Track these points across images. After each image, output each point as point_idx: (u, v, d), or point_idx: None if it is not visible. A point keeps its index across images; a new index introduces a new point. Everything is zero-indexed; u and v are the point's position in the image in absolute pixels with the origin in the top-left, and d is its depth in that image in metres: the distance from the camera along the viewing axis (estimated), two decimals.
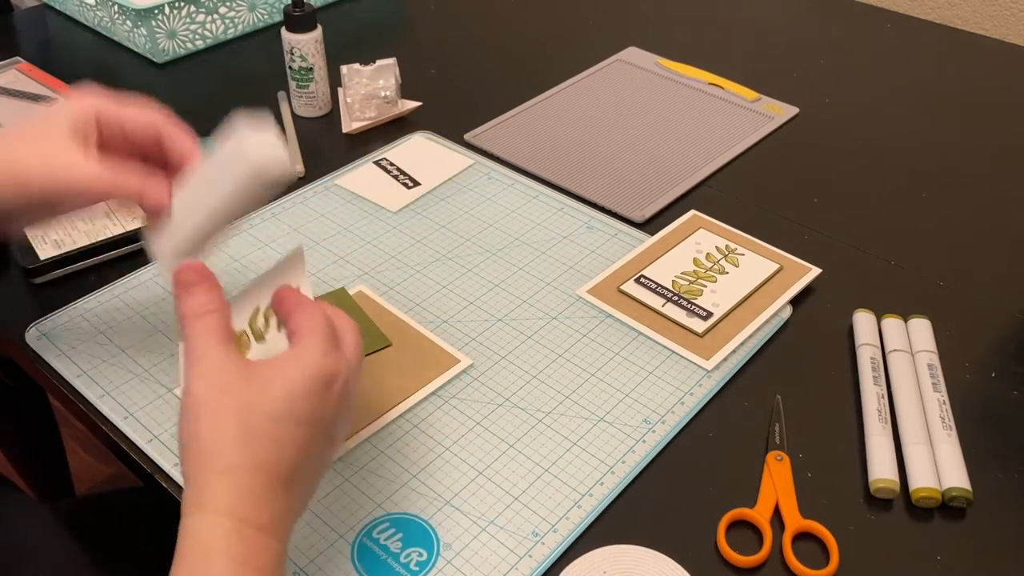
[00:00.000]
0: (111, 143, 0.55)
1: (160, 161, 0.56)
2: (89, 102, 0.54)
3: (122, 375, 0.64)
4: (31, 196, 0.52)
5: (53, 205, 0.54)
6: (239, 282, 0.72)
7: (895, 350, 0.65)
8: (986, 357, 0.67)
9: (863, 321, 0.68)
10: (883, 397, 0.62)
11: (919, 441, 0.58)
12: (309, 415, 0.45)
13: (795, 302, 0.71)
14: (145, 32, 1.00)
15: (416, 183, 0.83)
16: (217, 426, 0.43)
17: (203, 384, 0.44)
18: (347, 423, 0.49)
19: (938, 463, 0.57)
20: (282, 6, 1.03)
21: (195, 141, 0.56)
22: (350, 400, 0.48)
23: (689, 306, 0.69)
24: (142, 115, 0.55)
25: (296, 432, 0.44)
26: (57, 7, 1.14)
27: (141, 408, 0.61)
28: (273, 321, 0.52)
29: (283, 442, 0.44)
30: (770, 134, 0.92)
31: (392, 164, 0.85)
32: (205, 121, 0.92)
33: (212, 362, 0.45)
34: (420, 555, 0.53)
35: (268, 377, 0.44)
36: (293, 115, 0.93)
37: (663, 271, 0.72)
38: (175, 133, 0.55)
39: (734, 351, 0.66)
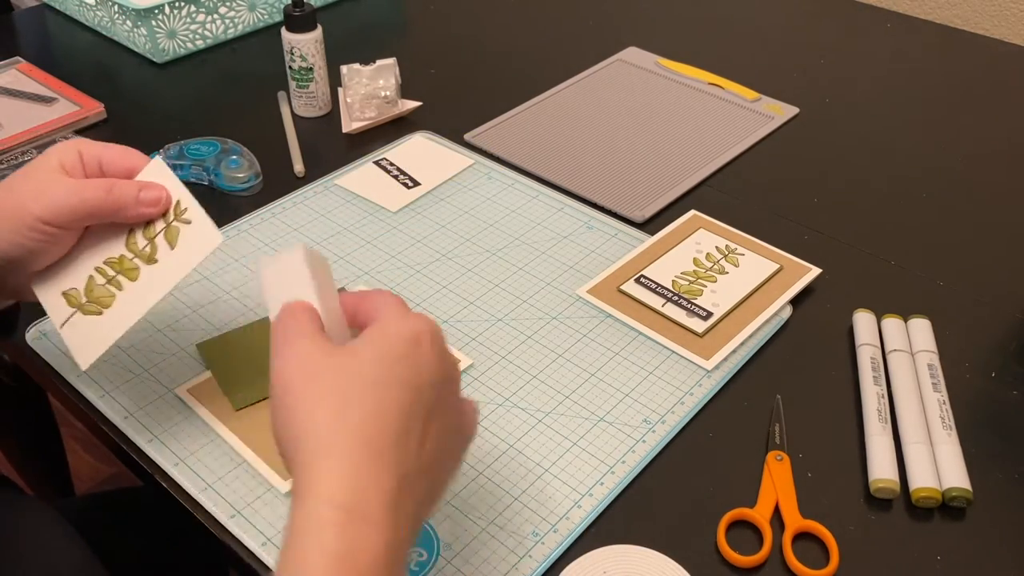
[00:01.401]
0: (92, 175, 0.57)
1: None
2: (72, 142, 0.56)
3: (122, 375, 0.64)
4: (32, 228, 0.53)
5: (56, 237, 0.55)
6: (239, 281, 0.72)
7: (895, 350, 0.65)
8: (986, 357, 0.67)
9: (863, 321, 0.68)
10: (883, 397, 0.62)
11: (919, 441, 0.58)
12: (407, 376, 0.42)
13: (795, 302, 0.71)
14: (145, 32, 1.00)
15: (416, 183, 0.83)
16: (310, 407, 0.41)
17: (291, 369, 0.43)
18: (456, 398, 0.46)
19: (938, 463, 0.57)
20: (282, 6, 1.03)
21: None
22: (448, 364, 0.45)
23: (689, 306, 0.69)
24: (120, 150, 0.57)
25: (396, 395, 0.42)
26: (57, 7, 1.14)
27: (141, 408, 0.61)
28: (161, 239, 0.54)
29: (383, 408, 0.41)
30: (770, 134, 0.92)
31: (392, 164, 0.85)
32: (205, 121, 0.93)
33: (300, 347, 0.43)
34: (420, 555, 0.53)
35: (354, 350, 0.43)
36: (293, 115, 0.93)
37: (663, 271, 0.72)
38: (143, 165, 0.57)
39: (734, 351, 0.66)
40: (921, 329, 0.67)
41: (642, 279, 0.71)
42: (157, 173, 0.57)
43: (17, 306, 0.62)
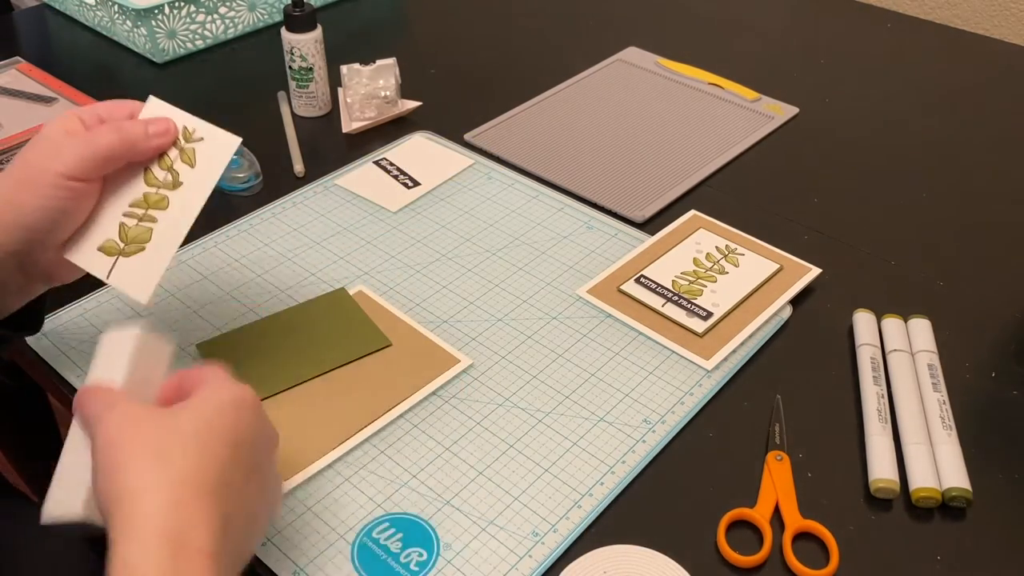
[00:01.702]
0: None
1: None
2: (67, 112, 0.58)
3: None
4: (54, 186, 0.54)
5: (80, 192, 0.55)
6: (238, 281, 0.72)
7: (895, 350, 0.65)
8: (986, 357, 0.67)
9: (863, 321, 0.68)
10: (883, 397, 0.62)
11: (919, 441, 0.58)
12: (226, 431, 0.44)
13: (795, 302, 0.71)
14: (145, 32, 1.00)
15: (416, 183, 0.83)
16: (133, 457, 0.42)
17: (112, 429, 0.43)
18: (272, 462, 0.48)
19: (938, 463, 0.57)
20: (282, 6, 1.03)
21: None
22: (267, 430, 0.47)
23: (689, 306, 0.69)
24: (114, 102, 0.59)
25: (215, 446, 0.43)
26: (57, 7, 1.14)
27: None
28: (180, 164, 0.57)
29: (203, 454, 0.43)
30: (770, 134, 0.92)
31: (392, 164, 0.85)
32: (205, 121, 0.93)
33: (119, 410, 0.44)
34: (420, 555, 0.53)
35: (175, 409, 0.45)
36: (293, 115, 0.93)
37: (663, 271, 0.72)
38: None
39: (734, 351, 0.66)
40: (921, 329, 0.67)
41: (642, 279, 0.71)
42: (157, 108, 0.59)
43: (42, 301, 0.62)
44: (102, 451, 0.43)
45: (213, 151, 0.58)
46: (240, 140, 0.58)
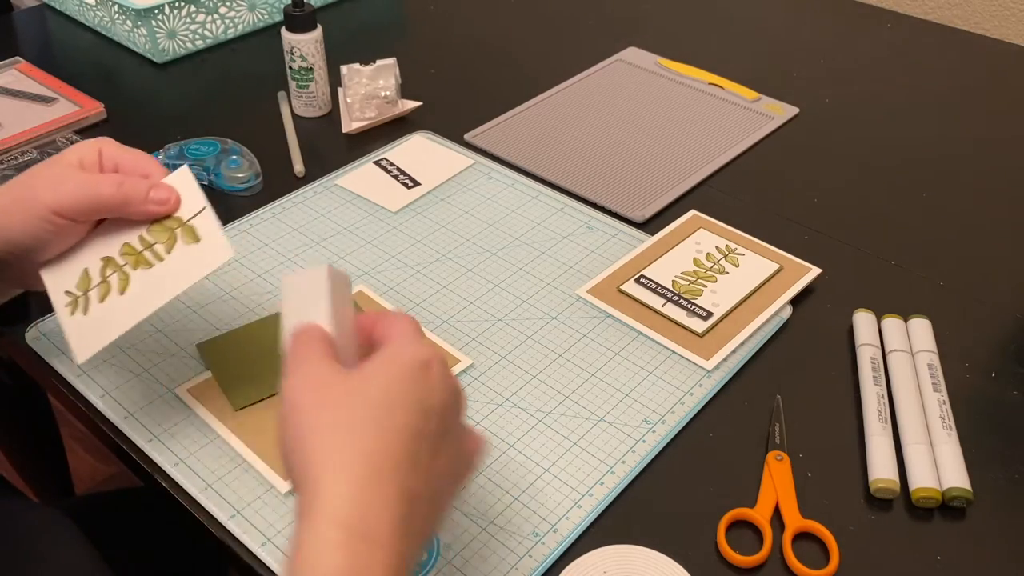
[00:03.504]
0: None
1: None
2: (94, 140, 0.59)
3: (122, 375, 0.64)
4: (43, 218, 0.56)
5: (66, 229, 0.57)
6: (238, 281, 0.72)
7: (895, 350, 0.65)
8: (986, 357, 0.67)
9: (863, 321, 0.68)
10: (883, 397, 0.62)
11: (919, 441, 0.58)
12: (411, 399, 0.42)
13: (795, 302, 0.71)
14: (145, 32, 1.00)
15: (416, 183, 0.83)
16: (317, 427, 0.41)
17: (299, 390, 0.43)
18: (462, 426, 0.46)
19: (938, 463, 0.57)
20: (282, 6, 1.03)
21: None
22: (455, 393, 0.45)
23: (689, 306, 0.69)
24: (138, 156, 0.59)
25: (403, 418, 0.42)
26: (57, 7, 1.14)
27: (141, 408, 0.61)
28: (174, 240, 0.56)
29: (387, 427, 0.41)
30: (770, 134, 0.92)
31: (392, 164, 0.85)
32: (205, 121, 0.93)
33: (310, 368, 0.43)
34: (420, 555, 0.53)
35: (363, 374, 0.43)
36: (293, 115, 0.93)
37: (663, 271, 0.72)
38: (160, 176, 0.59)
39: (734, 351, 0.66)
40: (921, 329, 0.67)
41: (642, 279, 0.71)
42: (182, 180, 0.59)
43: (23, 296, 0.63)
44: (291, 410, 0.42)
45: (205, 252, 0.57)
46: (234, 256, 0.56)
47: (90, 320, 0.56)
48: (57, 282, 0.58)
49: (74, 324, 0.57)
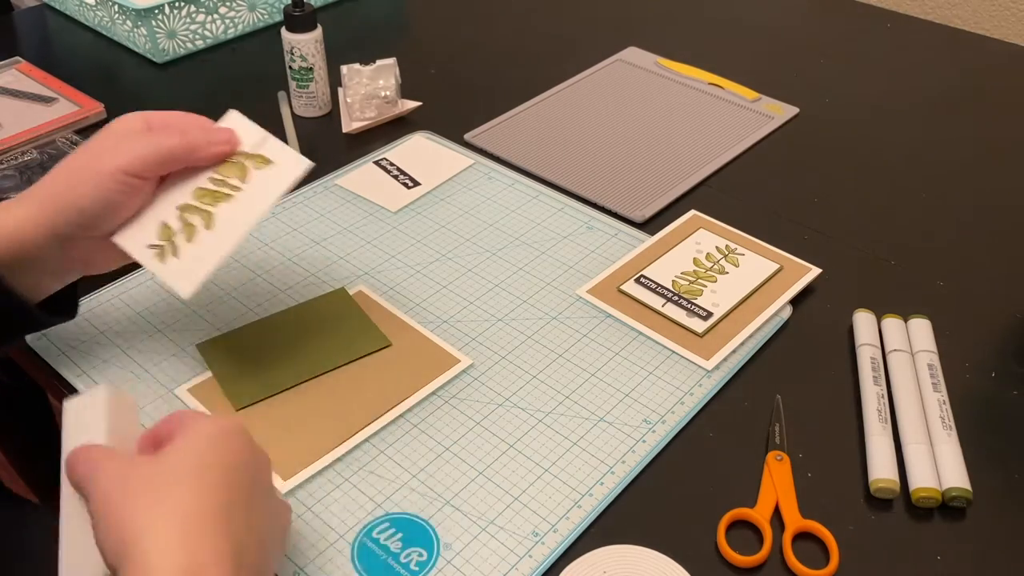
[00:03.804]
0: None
1: None
2: (135, 113, 0.60)
3: (122, 375, 0.64)
4: (112, 177, 0.56)
5: (136, 187, 0.57)
6: (238, 281, 0.72)
7: (895, 350, 0.65)
8: (986, 357, 0.67)
9: (863, 321, 0.68)
10: (883, 397, 0.62)
11: (919, 441, 0.58)
12: (218, 460, 0.44)
13: (795, 302, 0.71)
14: (145, 32, 1.00)
15: (416, 183, 0.83)
16: (131, 501, 0.41)
17: (104, 486, 0.43)
18: (266, 469, 0.48)
19: (938, 463, 0.57)
20: (282, 6, 1.03)
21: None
22: (259, 453, 0.47)
23: (689, 306, 0.69)
24: (183, 113, 0.61)
25: (211, 476, 0.43)
26: (57, 7, 1.14)
27: (141, 408, 0.61)
28: (245, 169, 0.59)
29: (201, 485, 0.42)
30: (770, 134, 0.92)
31: (392, 164, 0.85)
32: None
33: (107, 467, 0.44)
34: (420, 555, 0.53)
35: (168, 450, 0.44)
36: (293, 115, 0.93)
37: (663, 271, 0.72)
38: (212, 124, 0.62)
39: (734, 351, 0.66)
40: (921, 329, 0.67)
41: (642, 279, 0.71)
42: (235, 121, 0.62)
43: (75, 288, 0.63)
44: (101, 505, 0.42)
45: (280, 169, 0.59)
46: (311, 164, 0.59)
47: (184, 260, 0.58)
48: (136, 241, 0.58)
49: (168, 269, 0.58)
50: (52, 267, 0.58)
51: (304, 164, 0.59)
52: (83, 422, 0.49)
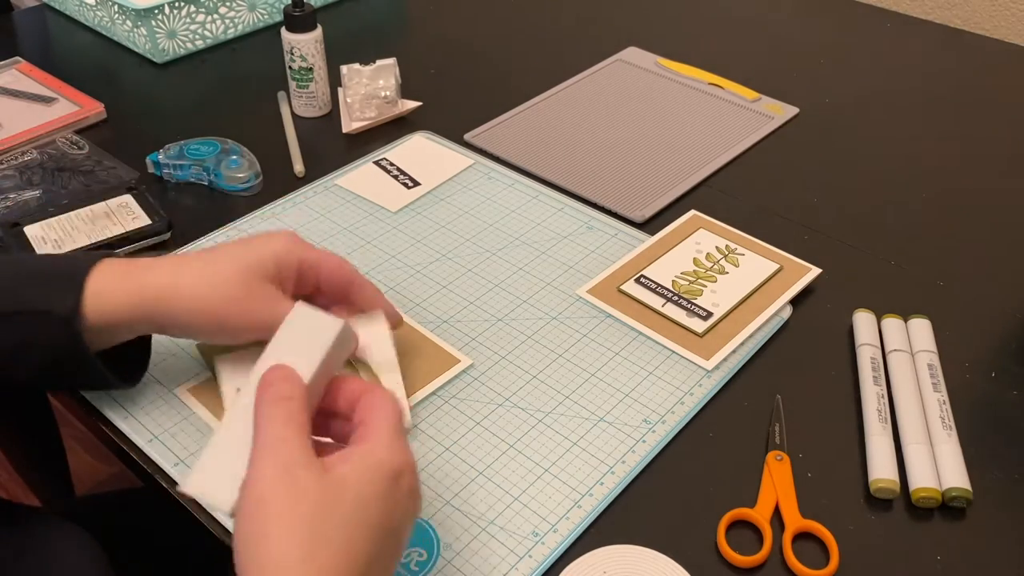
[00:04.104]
0: (304, 288, 0.59)
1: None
2: (293, 251, 0.57)
3: None
4: (225, 334, 0.57)
5: (245, 338, 0.57)
6: None
7: (895, 350, 0.65)
8: (986, 357, 0.67)
9: (863, 321, 0.68)
10: (883, 397, 0.62)
11: (919, 441, 0.58)
12: (379, 517, 0.42)
13: (795, 302, 0.71)
14: (145, 32, 1.00)
15: (416, 183, 0.83)
16: (284, 536, 0.40)
17: (273, 481, 0.41)
18: (413, 520, 0.47)
19: (938, 463, 0.57)
20: (282, 6, 1.03)
21: (378, 292, 0.61)
22: (417, 497, 0.46)
23: (689, 306, 0.69)
24: (338, 264, 0.59)
25: (365, 537, 0.41)
26: (57, 7, 1.14)
27: (141, 408, 0.61)
28: None
29: (352, 551, 0.41)
30: (770, 134, 0.92)
31: (392, 164, 0.85)
32: (205, 121, 0.93)
33: (287, 455, 0.42)
34: (420, 555, 0.53)
35: (340, 478, 0.42)
36: (293, 115, 0.93)
37: (663, 271, 0.72)
38: (364, 282, 0.60)
39: (734, 351, 0.66)
40: (921, 329, 0.67)
41: (642, 279, 0.71)
42: (376, 329, 0.59)
43: (148, 349, 0.61)
44: (255, 501, 0.41)
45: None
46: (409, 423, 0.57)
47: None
48: (230, 373, 0.59)
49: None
50: (131, 333, 0.57)
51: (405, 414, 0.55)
52: (303, 339, 0.47)
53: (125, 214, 0.76)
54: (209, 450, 0.46)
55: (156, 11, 0.99)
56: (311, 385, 0.46)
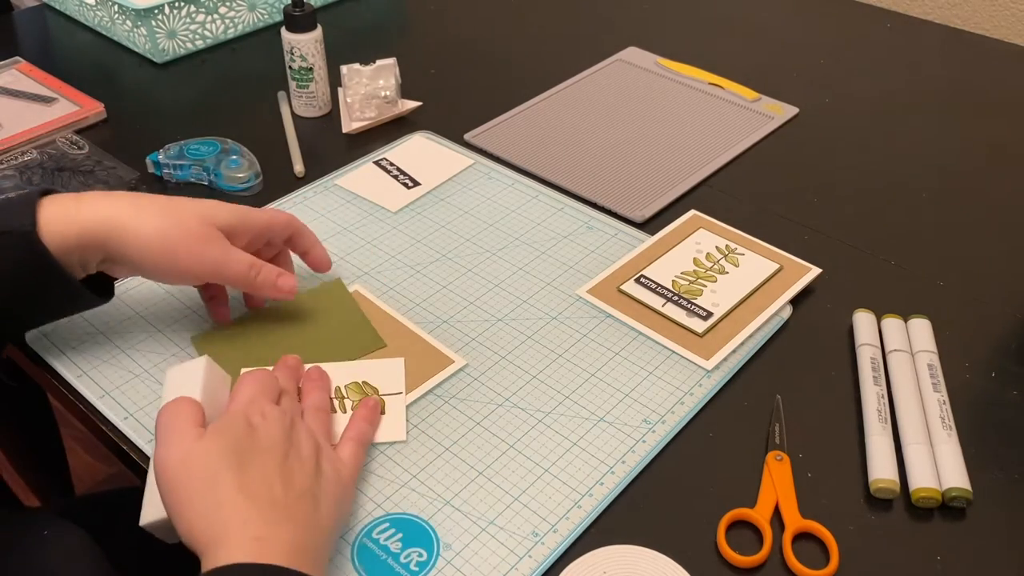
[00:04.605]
0: (256, 246, 0.65)
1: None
2: (249, 218, 0.63)
3: (122, 375, 0.64)
4: (177, 274, 0.61)
5: (195, 281, 0.64)
6: None
7: (895, 350, 0.65)
8: (986, 357, 0.67)
9: (863, 321, 0.68)
10: (883, 397, 0.62)
11: (919, 441, 0.58)
12: (248, 445, 0.50)
13: (795, 302, 0.71)
14: (145, 32, 1.00)
15: (416, 183, 0.83)
16: (191, 483, 0.49)
17: (165, 458, 0.49)
18: (315, 444, 0.53)
19: (938, 463, 0.57)
20: (282, 6, 1.03)
21: (316, 239, 0.68)
22: (282, 421, 0.52)
23: (689, 306, 0.69)
24: (286, 223, 0.66)
25: (257, 461, 0.50)
26: (57, 7, 1.14)
27: (141, 408, 0.61)
28: (349, 402, 0.61)
29: (240, 475, 0.48)
30: (770, 134, 0.91)
31: (392, 164, 0.85)
32: (205, 121, 0.93)
33: (175, 435, 0.50)
34: (420, 555, 0.53)
35: (209, 432, 0.50)
36: (293, 115, 0.93)
37: (663, 271, 0.72)
38: (306, 232, 0.67)
39: (734, 351, 0.66)
40: (921, 329, 0.67)
41: (642, 279, 0.71)
42: (393, 368, 0.64)
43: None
44: (164, 485, 0.49)
45: (385, 424, 0.60)
46: (403, 440, 0.60)
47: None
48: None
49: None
50: (83, 268, 0.60)
51: (401, 437, 0.59)
52: (181, 385, 0.54)
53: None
54: (148, 483, 0.53)
55: (156, 11, 0.99)
56: (203, 400, 0.53)
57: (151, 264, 0.59)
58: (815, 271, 0.72)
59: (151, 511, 0.52)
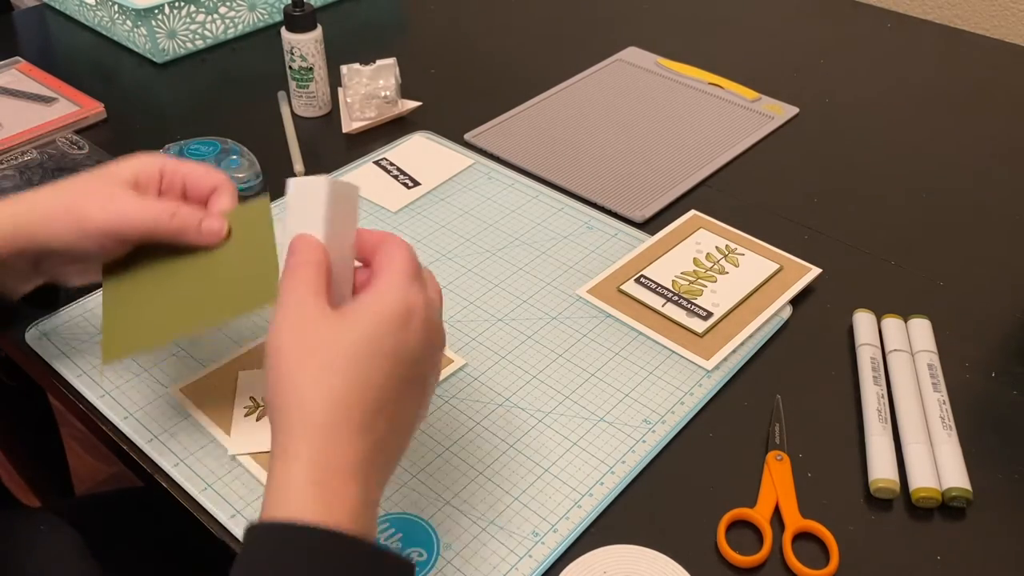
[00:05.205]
0: (172, 194, 0.58)
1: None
2: (156, 158, 0.58)
3: (122, 375, 0.64)
4: (90, 235, 0.55)
5: (112, 241, 0.56)
6: None
7: (895, 350, 0.65)
8: (986, 357, 0.67)
9: (863, 321, 0.68)
10: (883, 397, 0.62)
11: (919, 441, 0.58)
12: (391, 347, 0.45)
13: (795, 302, 0.71)
14: (145, 32, 1.00)
15: (416, 183, 0.83)
16: (296, 369, 0.43)
17: (283, 331, 0.45)
18: (435, 368, 0.49)
19: (938, 463, 0.57)
20: (282, 6, 1.03)
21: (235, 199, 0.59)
22: (433, 339, 0.47)
23: (689, 306, 0.69)
24: (204, 172, 0.59)
25: (374, 366, 0.44)
26: (57, 7, 1.14)
27: (141, 408, 0.61)
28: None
29: (364, 380, 0.44)
30: (770, 134, 0.92)
31: (392, 164, 0.85)
32: (205, 121, 0.93)
33: (295, 307, 0.45)
34: (420, 555, 0.53)
35: (347, 317, 0.45)
36: (293, 115, 0.93)
37: (663, 271, 0.72)
38: (229, 188, 0.59)
39: (734, 351, 0.66)
40: (921, 329, 0.67)
41: (642, 279, 0.71)
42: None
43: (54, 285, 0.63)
44: (274, 352, 0.44)
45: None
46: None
47: (258, 428, 0.60)
48: (248, 384, 0.62)
49: (243, 424, 0.60)
50: (21, 276, 0.58)
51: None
52: (304, 208, 0.48)
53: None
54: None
55: (156, 11, 0.99)
56: (328, 242, 0.47)
57: (64, 236, 0.55)
58: (815, 271, 0.72)
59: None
